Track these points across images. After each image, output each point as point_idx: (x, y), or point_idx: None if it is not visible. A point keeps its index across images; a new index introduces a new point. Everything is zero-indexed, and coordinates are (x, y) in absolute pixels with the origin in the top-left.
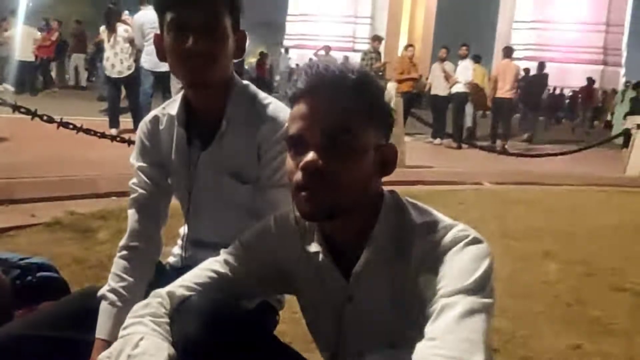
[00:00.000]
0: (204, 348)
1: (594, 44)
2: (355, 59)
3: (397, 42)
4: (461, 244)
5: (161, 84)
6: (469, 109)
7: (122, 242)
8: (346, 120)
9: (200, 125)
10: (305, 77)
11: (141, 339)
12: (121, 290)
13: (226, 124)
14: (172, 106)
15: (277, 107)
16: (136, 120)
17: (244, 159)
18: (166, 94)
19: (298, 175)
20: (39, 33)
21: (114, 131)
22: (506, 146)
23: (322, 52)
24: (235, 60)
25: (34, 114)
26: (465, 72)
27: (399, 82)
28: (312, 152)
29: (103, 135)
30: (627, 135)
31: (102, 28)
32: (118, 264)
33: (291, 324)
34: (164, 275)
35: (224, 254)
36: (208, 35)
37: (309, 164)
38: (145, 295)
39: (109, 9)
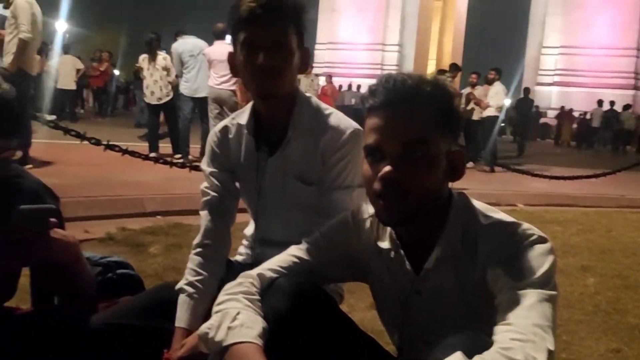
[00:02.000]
0: (292, 324)
1: (624, 68)
2: None
3: (426, 69)
4: (527, 241)
5: (199, 108)
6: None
7: (196, 241)
8: (422, 132)
9: (267, 133)
10: (383, 90)
11: (238, 313)
12: (197, 283)
13: (292, 131)
14: (241, 116)
15: (338, 117)
16: (175, 145)
17: (308, 163)
18: (204, 119)
19: (376, 185)
20: (80, 62)
21: (153, 155)
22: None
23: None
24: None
25: (83, 137)
26: (496, 96)
27: None
28: (389, 163)
29: (147, 158)
30: None
31: (142, 56)
32: (193, 260)
33: None
34: (234, 271)
35: (305, 243)
36: (276, 52)
37: (387, 175)
38: (219, 290)
39: (150, 39)
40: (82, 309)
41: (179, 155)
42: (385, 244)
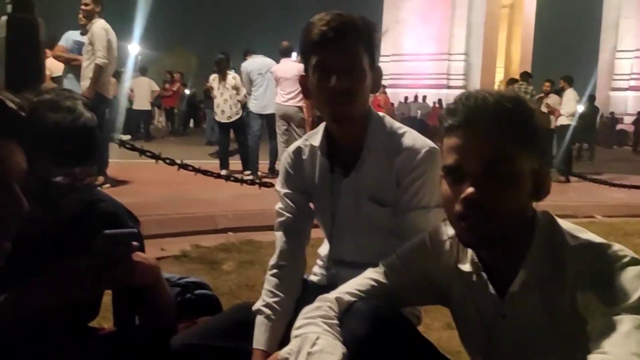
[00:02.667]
0: (372, 348)
1: None
2: (449, 96)
3: (493, 77)
4: (620, 263)
5: (268, 125)
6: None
7: (272, 262)
8: (505, 150)
9: (341, 155)
10: (462, 108)
11: (317, 338)
12: (274, 305)
13: (366, 152)
14: (315, 138)
15: (413, 136)
16: (245, 162)
17: (382, 185)
18: (272, 135)
19: (458, 206)
20: (155, 84)
21: (224, 172)
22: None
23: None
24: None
25: (158, 157)
26: (567, 104)
27: None
28: (471, 184)
29: (219, 176)
30: None
31: (212, 76)
32: (270, 281)
33: None
34: (309, 291)
35: (382, 266)
36: (349, 75)
37: (470, 196)
38: (295, 311)
39: (220, 59)
40: (163, 329)
41: (248, 172)
42: (466, 267)
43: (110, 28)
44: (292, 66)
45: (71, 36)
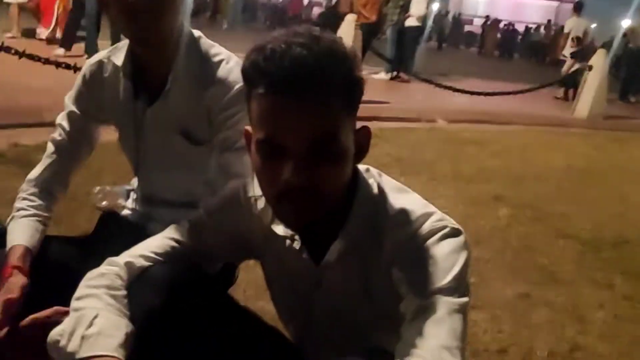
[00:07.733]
0: (165, 320)
1: None
2: None
3: None
4: (437, 236)
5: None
6: None
7: (31, 176)
8: (332, 124)
9: (147, 79)
10: (276, 71)
11: (96, 316)
12: (31, 209)
13: (172, 81)
14: (118, 56)
15: (229, 67)
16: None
17: (192, 119)
18: None
19: (278, 186)
20: None
21: (61, 51)
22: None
23: None
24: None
25: None
26: (417, 5)
27: (359, 13)
28: (294, 164)
29: (47, 62)
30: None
31: None
32: (26, 190)
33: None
34: (123, 229)
35: (187, 223)
36: None
37: (294, 179)
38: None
39: None
40: None
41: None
42: (280, 229)
43: None
44: None
45: None
